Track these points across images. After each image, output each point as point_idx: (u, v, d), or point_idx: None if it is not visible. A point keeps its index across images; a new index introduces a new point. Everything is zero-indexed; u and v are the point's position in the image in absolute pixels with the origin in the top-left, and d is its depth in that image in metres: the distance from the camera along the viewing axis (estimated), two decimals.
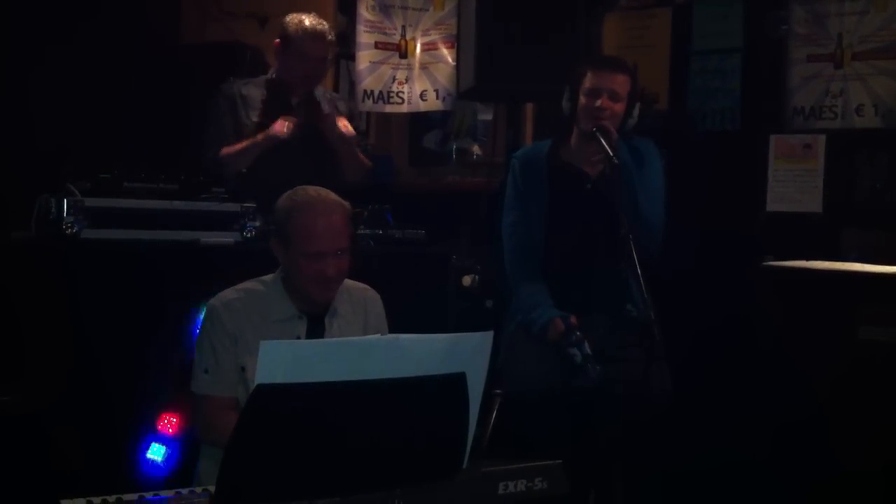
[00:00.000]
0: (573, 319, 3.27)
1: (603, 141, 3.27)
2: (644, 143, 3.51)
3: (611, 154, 3.23)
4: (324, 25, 4.08)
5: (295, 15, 4.10)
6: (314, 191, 2.78)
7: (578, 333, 3.22)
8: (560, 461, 2.23)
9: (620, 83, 3.39)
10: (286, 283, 2.78)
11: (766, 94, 4.58)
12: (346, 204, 2.78)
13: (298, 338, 2.75)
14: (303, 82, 4.07)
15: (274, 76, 4.11)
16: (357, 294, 2.89)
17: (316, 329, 2.78)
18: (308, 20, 4.03)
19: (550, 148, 3.55)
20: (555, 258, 3.46)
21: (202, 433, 2.79)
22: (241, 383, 2.70)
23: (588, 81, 3.40)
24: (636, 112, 3.44)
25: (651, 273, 3.05)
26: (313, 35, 4.01)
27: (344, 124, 4.01)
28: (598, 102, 3.36)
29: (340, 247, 2.71)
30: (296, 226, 2.70)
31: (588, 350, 3.18)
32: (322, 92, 4.24)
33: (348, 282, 2.85)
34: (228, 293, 2.77)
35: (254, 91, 4.07)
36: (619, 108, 3.39)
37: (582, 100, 3.41)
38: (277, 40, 4.08)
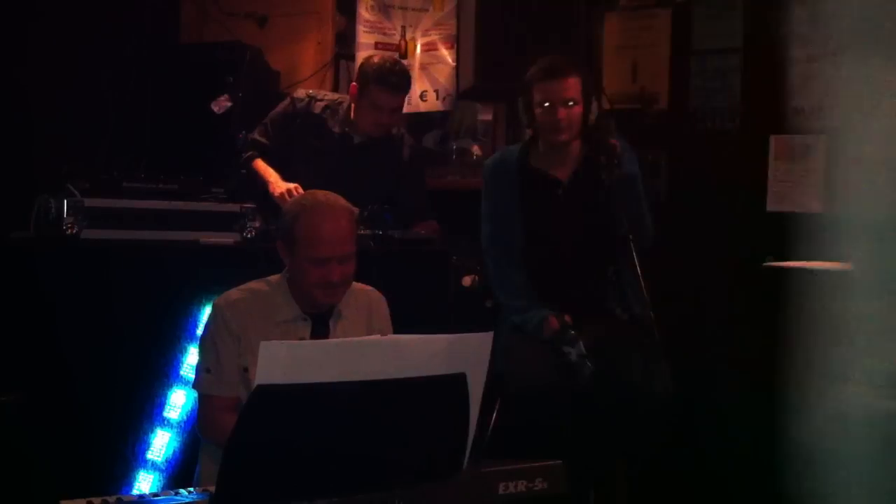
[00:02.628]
0: (567, 318, 3.27)
1: (605, 158, 3.26)
2: (620, 142, 3.50)
3: (615, 162, 3.23)
4: (401, 76, 4.02)
5: (374, 59, 4.05)
6: (323, 195, 2.77)
7: (573, 332, 3.21)
8: (560, 461, 2.23)
9: (571, 86, 3.32)
10: (291, 285, 2.77)
11: (766, 94, 4.57)
12: (355, 210, 2.78)
13: (302, 339, 2.74)
14: (374, 130, 4.06)
15: (346, 113, 4.08)
16: (361, 296, 2.88)
17: (320, 331, 2.77)
18: (386, 69, 3.95)
19: (520, 154, 3.53)
20: (538, 264, 3.45)
21: (203, 432, 2.79)
22: (242, 384, 2.70)
23: (538, 95, 3.35)
24: (594, 108, 3.39)
25: (651, 273, 3.05)
26: (390, 87, 3.96)
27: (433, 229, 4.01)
28: (555, 116, 3.32)
29: (346, 252, 2.70)
30: (302, 229, 2.68)
31: (583, 349, 3.18)
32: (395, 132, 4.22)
33: (353, 284, 2.83)
34: (233, 293, 2.77)
35: (329, 120, 4.08)
36: (577, 111, 3.34)
37: (539, 114, 3.36)
38: (354, 84, 4.04)
